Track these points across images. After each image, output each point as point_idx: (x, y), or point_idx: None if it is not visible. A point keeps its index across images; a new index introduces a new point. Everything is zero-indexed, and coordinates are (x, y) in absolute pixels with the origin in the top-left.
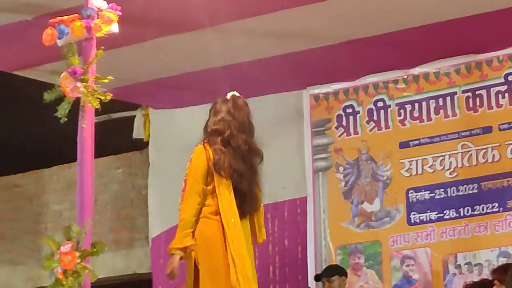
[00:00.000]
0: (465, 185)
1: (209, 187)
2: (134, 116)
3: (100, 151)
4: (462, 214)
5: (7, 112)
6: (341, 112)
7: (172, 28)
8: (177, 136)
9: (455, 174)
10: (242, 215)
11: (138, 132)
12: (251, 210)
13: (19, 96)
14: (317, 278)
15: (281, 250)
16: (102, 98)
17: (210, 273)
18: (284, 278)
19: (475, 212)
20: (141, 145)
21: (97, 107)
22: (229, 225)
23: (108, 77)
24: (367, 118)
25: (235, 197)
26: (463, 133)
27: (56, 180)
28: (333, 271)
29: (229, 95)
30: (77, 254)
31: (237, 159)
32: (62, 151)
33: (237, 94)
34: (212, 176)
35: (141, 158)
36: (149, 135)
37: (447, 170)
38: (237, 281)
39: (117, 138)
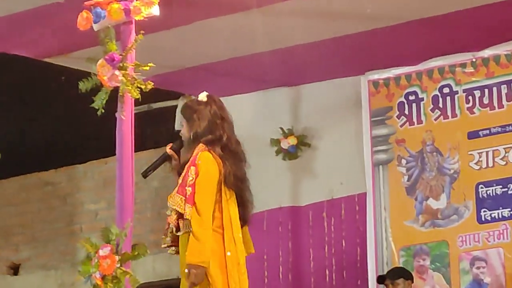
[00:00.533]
0: None
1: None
2: (176, 106)
3: (139, 144)
4: None
5: (36, 103)
6: (403, 99)
7: (216, 10)
8: None
9: None
10: (244, 223)
11: (180, 123)
12: (250, 217)
13: (50, 85)
14: (381, 280)
15: (338, 252)
16: (143, 87)
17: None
18: (342, 283)
19: None
20: None
21: (137, 97)
22: (236, 241)
23: (148, 64)
24: (431, 106)
25: (237, 206)
26: None
27: (91, 177)
28: (399, 274)
29: (204, 96)
30: (117, 258)
31: (237, 164)
32: (98, 145)
33: (209, 93)
34: (219, 187)
35: None
36: None
37: None
38: None
39: (158, 130)
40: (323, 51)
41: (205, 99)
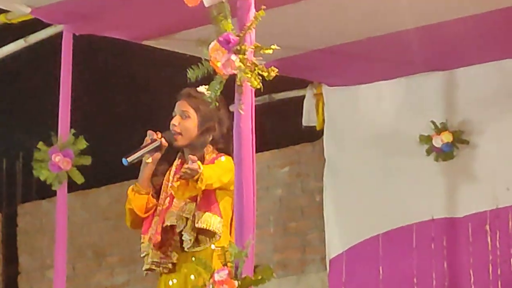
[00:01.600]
0: None
1: None
2: (303, 97)
3: (259, 143)
4: None
5: (132, 95)
6: None
7: None
8: (361, 121)
9: None
10: None
11: (308, 118)
12: None
13: (148, 73)
14: None
15: (505, 273)
16: (265, 74)
17: None
18: None
19: None
20: (313, 135)
21: (258, 86)
22: None
23: (272, 47)
24: None
25: None
26: None
27: None
28: None
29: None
30: (236, 283)
31: None
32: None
33: None
34: None
35: (314, 153)
36: (323, 122)
37: None
38: None
39: (282, 126)
40: (483, 27)
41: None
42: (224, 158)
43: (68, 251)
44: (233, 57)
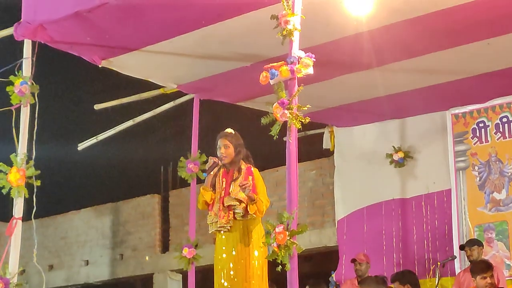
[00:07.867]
0: None
1: None
2: (323, 133)
3: (299, 158)
4: None
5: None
6: (475, 126)
7: (348, 69)
8: (354, 146)
9: None
10: None
11: (326, 144)
12: None
13: (242, 122)
14: (461, 247)
15: (432, 228)
16: (303, 120)
17: None
18: (435, 248)
19: None
20: (329, 153)
21: (299, 127)
22: None
23: (306, 106)
24: (495, 130)
25: None
26: None
27: (267, 180)
28: (474, 243)
29: (232, 131)
30: (287, 233)
31: None
32: (271, 158)
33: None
34: None
35: (329, 163)
36: (334, 146)
37: None
38: None
39: (311, 148)
40: (421, 95)
41: (234, 132)
42: (255, 173)
43: (196, 216)
44: (286, 111)
